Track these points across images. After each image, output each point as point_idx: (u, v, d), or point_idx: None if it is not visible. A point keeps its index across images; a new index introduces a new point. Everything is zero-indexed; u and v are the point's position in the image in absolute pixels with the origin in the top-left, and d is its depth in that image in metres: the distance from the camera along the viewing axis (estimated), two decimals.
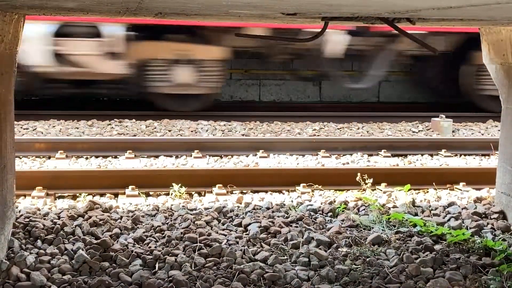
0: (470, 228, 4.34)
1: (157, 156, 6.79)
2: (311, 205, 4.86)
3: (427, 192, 5.62)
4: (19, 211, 4.44)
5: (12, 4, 2.80)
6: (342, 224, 4.38)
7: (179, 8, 2.92)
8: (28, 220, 4.16)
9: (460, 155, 7.31)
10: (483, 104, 10.76)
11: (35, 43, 9.09)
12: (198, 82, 9.79)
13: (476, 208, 4.87)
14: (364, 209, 4.78)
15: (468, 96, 11.06)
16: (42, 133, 8.05)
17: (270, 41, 10.15)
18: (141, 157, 6.76)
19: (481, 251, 3.88)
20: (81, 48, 9.31)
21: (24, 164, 6.29)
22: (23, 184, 5.01)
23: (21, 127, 8.22)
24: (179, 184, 5.28)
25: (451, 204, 4.97)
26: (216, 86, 10.05)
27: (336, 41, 10.05)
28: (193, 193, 5.38)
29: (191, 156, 6.79)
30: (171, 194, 5.24)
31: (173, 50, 9.64)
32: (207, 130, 8.59)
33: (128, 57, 9.47)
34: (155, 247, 3.84)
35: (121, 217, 4.45)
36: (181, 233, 4.05)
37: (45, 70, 9.29)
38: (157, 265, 3.56)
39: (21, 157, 6.45)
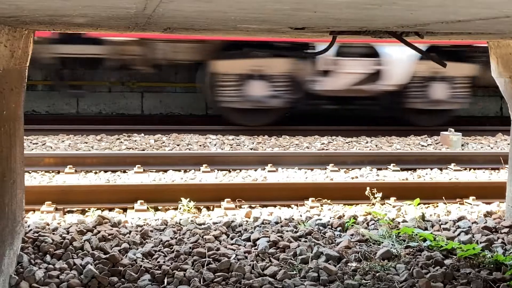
0: (481, 242, 4.31)
1: (165, 171, 6.80)
2: (320, 219, 4.84)
3: (437, 206, 5.59)
4: (28, 226, 4.44)
5: (22, 20, 2.82)
6: (351, 238, 4.36)
7: (188, 23, 2.94)
8: (37, 235, 4.16)
9: (470, 169, 7.28)
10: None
11: None
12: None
13: (486, 222, 4.83)
14: (373, 224, 4.76)
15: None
16: (51, 147, 8.08)
17: None
18: (150, 171, 6.77)
19: (492, 265, 3.85)
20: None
21: (34, 179, 6.31)
22: (32, 199, 5.01)
23: (31, 142, 8.25)
24: (188, 199, 5.28)
25: (461, 219, 4.94)
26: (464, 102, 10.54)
27: None
28: (201, 207, 5.38)
29: (199, 170, 6.80)
30: (180, 209, 5.23)
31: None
32: (215, 144, 8.60)
33: None
34: (164, 262, 3.83)
35: (130, 232, 4.44)
36: (190, 247, 4.04)
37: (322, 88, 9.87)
38: (165, 280, 3.55)
39: (30, 172, 6.47)
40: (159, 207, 5.37)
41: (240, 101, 9.83)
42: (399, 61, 9.82)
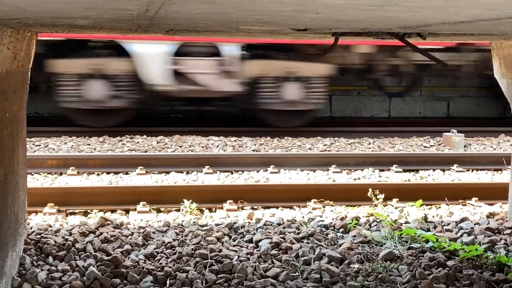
0: (483, 243, 4.30)
1: (168, 172, 6.80)
2: (323, 221, 4.84)
3: (439, 207, 5.58)
4: (31, 228, 4.45)
5: (24, 22, 2.82)
6: (353, 240, 4.36)
7: (190, 25, 2.94)
8: (39, 236, 4.17)
9: (472, 170, 7.27)
10: None
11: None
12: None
13: (489, 223, 4.83)
14: (375, 225, 4.75)
15: None
16: (54, 149, 8.09)
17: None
18: (152, 173, 6.77)
19: (494, 267, 3.85)
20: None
21: (36, 180, 6.32)
22: (35, 200, 5.02)
23: (33, 144, 8.26)
24: (190, 200, 5.28)
25: (463, 220, 4.94)
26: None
27: None
28: (204, 209, 5.38)
29: (201, 172, 6.80)
30: (182, 210, 5.24)
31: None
32: (217, 146, 8.60)
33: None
34: (166, 263, 3.83)
35: (132, 234, 4.44)
36: (192, 249, 4.04)
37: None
38: (168, 282, 3.55)
39: (33, 173, 6.47)
40: (162, 209, 5.38)
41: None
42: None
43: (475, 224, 4.81)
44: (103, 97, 9.57)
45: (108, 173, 6.73)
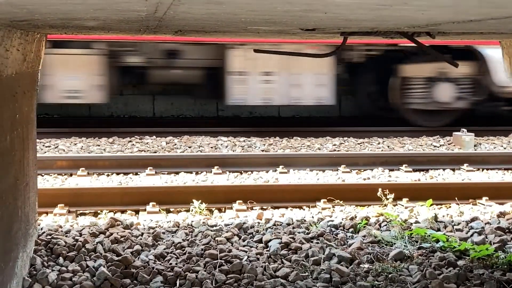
0: (494, 243, 4.28)
1: (177, 173, 6.81)
2: (332, 221, 4.83)
3: (450, 207, 5.56)
4: (41, 229, 4.47)
5: (34, 24, 2.84)
6: (363, 240, 4.35)
7: (198, 25, 2.95)
8: (50, 237, 4.19)
9: (483, 170, 7.24)
10: None
11: None
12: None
13: (499, 223, 4.81)
14: (385, 225, 4.74)
15: None
16: (64, 150, 8.12)
17: None
18: (162, 173, 6.78)
19: (505, 266, 3.83)
20: None
21: (46, 181, 6.34)
22: (45, 201, 5.04)
23: (43, 145, 8.29)
24: (200, 201, 5.29)
25: (474, 219, 4.92)
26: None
27: None
28: (213, 209, 5.38)
29: (211, 172, 6.80)
30: (192, 211, 5.24)
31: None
32: (226, 146, 8.61)
33: None
34: (176, 263, 3.84)
35: (142, 234, 4.46)
36: (202, 249, 4.04)
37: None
38: (178, 282, 3.56)
39: (43, 174, 6.50)
40: (171, 209, 5.39)
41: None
42: None
43: (485, 224, 4.79)
44: (448, 98, 10.16)
45: (117, 173, 6.75)
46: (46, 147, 8.28)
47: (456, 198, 5.66)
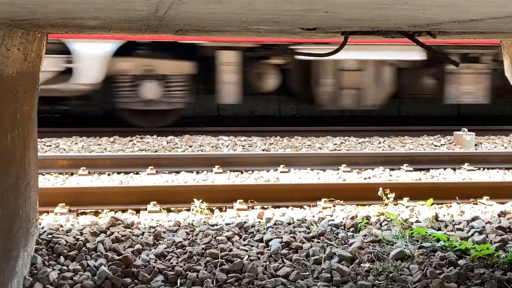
0: (495, 242, 4.28)
1: (178, 172, 6.82)
2: (333, 220, 4.83)
3: (450, 206, 5.56)
4: (42, 228, 4.47)
5: (35, 23, 2.84)
6: (364, 239, 4.35)
7: (199, 24, 2.95)
8: (51, 236, 4.19)
9: (483, 169, 7.23)
10: None
11: None
12: None
13: (500, 222, 4.81)
14: (386, 224, 4.74)
15: None
16: (65, 150, 8.13)
17: None
18: (163, 173, 6.79)
19: (506, 266, 3.83)
20: None
21: (47, 181, 6.35)
22: (46, 200, 5.04)
23: (44, 144, 8.30)
24: (200, 200, 5.29)
25: (474, 219, 4.91)
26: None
27: None
28: (214, 208, 5.38)
29: (212, 171, 6.80)
30: (192, 210, 5.24)
31: None
32: (227, 146, 8.61)
33: None
34: (177, 263, 3.84)
35: (143, 233, 4.46)
36: (203, 248, 4.04)
37: None
38: (178, 281, 3.56)
39: (44, 174, 6.50)
40: (172, 209, 5.39)
41: None
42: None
43: (486, 223, 4.79)
44: None
45: (118, 173, 6.76)
46: (47, 146, 8.28)
47: (456, 198, 5.65)
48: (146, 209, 5.28)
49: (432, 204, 5.35)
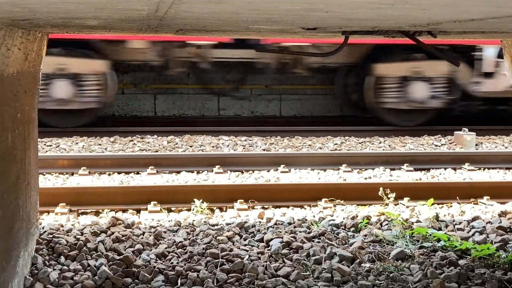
0: (495, 242, 4.28)
1: (178, 172, 6.81)
2: (333, 220, 4.83)
3: (451, 206, 5.56)
4: (43, 228, 4.47)
5: (35, 23, 2.84)
6: (364, 239, 4.35)
7: (199, 24, 2.95)
8: (51, 236, 4.19)
9: (484, 169, 7.23)
10: None
11: None
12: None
13: (500, 222, 4.80)
14: (387, 224, 4.74)
15: None
16: (65, 149, 8.13)
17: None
18: (163, 173, 6.79)
19: (507, 266, 3.82)
20: None
21: (48, 180, 6.35)
22: (47, 200, 5.04)
23: (45, 144, 8.30)
24: (201, 200, 5.29)
25: (475, 219, 4.91)
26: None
27: None
28: (214, 208, 5.38)
29: (212, 171, 6.80)
30: (193, 210, 5.24)
31: None
32: (228, 146, 8.61)
33: None
34: (177, 263, 3.84)
35: (144, 233, 4.46)
36: (203, 248, 4.04)
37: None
38: (179, 281, 3.56)
39: (44, 173, 6.50)
40: (172, 208, 5.39)
41: None
42: None
43: (487, 223, 4.79)
44: None
45: (119, 173, 6.76)
46: (47, 146, 8.28)
47: (457, 198, 5.65)
48: (146, 209, 5.28)
49: (432, 204, 5.35)
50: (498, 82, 9.99)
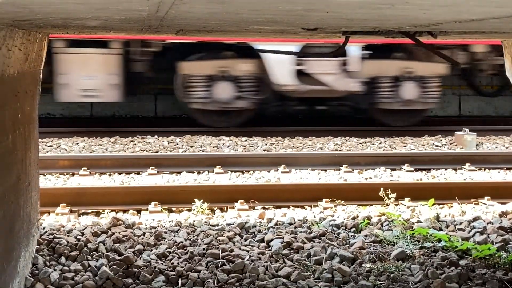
0: (496, 243, 4.28)
1: (179, 172, 6.81)
2: (334, 220, 4.83)
3: (452, 206, 5.56)
4: (43, 228, 4.47)
5: (36, 24, 2.84)
6: (365, 239, 4.35)
7: (200, 25, 2.95)
8: (52, 237, 4.19)
9: (484, 169, 7.23)
10: None
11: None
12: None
13: (501, 222, 4.80)
14: (387, 224, 4.74)
15: None
16: (66, 150, 8.13)
17: None
18: (164, 173, 6.79)
19: (507, 266, 3.82)
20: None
21: (48, 181, 6.35)
22: (47, 201, 5.04)
23: (45, 145, 8.30)
24: (201, 200, 5.29)
25: (476, 219, 4.91)
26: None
27: None
28: (215, 209, 5.38)
29: (213, 171, 6.80)
30: (194, 210, 5.24)
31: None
32: (228, 146, 8.61)
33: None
34: (178, 263, 3.84)
35: (144, 233, 4.46)
36: (204, 249, 4.04)
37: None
38: (180, 281, 3.56)
39: (45, 174, 6.50)
40: (173, 209, 5.39)
41: None
42: None
43: (487, 223, 4.79)
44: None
45: (119, 173, 6.76)
46: (48, 146, 8.28)
47: (458, 198, 5.65)
48: (147, 210, 5.28)
49: (433, 204, 5.35)
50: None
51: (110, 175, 6.70)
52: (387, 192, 5.37)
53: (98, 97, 9.54)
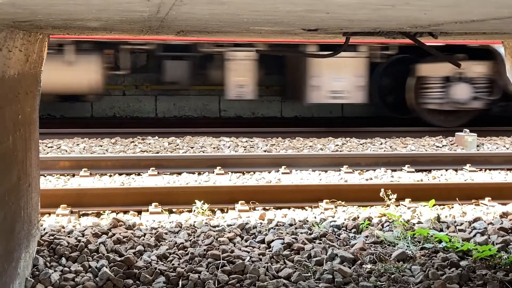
0: (497, 243, 4.27)
1: (179, 173, 6.81)
2: (335, 221, 4.83)
3: (452, 207, 5.55)
4: (44, 229, 4.47)
5: (36, 25, 2.84)
6: (366, 240, 4.35)
7: (200, 26, 2.95)
8: (52, 238, 4.19)
9: (485, 170, 7.23)
10: None
11: None
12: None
13: (502, 223, 4.80)
14: (388, 225, 4.74)
15: None
16: (66, 151, 8.13)
17: None
18: (164, 174, 6.78)
19: (508, 266, 3.82)
20: None
21: (49, 182, 6.35)
22: (48, 202, 5.04)
23: (46, 146, 8.30)
24: (202, 201, 5.29)
25: (476, 220, 4.91)
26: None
27: None
28: (215, 209, 5.38)
29: (213, 172, 6.80)
30: (194, 211, 5.24)
31: None
32: (229, 147, 8.61)
33: None
34: (178, 264, 3.84)
35: (145, 234, 4.46)
36: (204, 250, 4.04)
37: None
38: (180, 282, 3.56)
39: (45, 175, 6.50)
40: (174, 210, 5.39)
41: None
42: None
43: (488, 224, 4.78)
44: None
45: (120, 174, 6.76)
46: (48, 147, 8.28)
47: (458, 199, 5.65)
48: (147, 210, 5.28)
49: (434, 205, 5.35)
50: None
51: (110, 176, 6.70)
52: (387, 193, 5.37)
53: (346, 98, 10.06)
